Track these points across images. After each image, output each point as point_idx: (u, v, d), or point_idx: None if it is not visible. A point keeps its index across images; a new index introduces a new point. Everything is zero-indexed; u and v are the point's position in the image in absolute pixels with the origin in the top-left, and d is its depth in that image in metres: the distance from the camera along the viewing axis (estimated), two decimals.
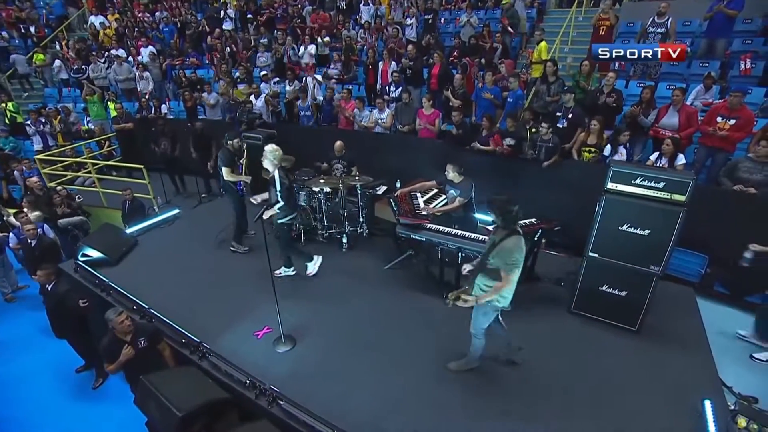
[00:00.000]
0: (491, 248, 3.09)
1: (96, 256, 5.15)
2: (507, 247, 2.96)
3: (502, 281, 3.01)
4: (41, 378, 4.97)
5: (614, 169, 3.63)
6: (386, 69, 7.80)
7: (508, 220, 3.03)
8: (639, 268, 3.74)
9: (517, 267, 2.99)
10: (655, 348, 3.82)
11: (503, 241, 3.00)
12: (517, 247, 2.97)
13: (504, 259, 2.97)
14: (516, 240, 3.00)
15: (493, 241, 3.09)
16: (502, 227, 3.08)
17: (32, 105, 10.21)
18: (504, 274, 2.99)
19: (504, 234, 3.04)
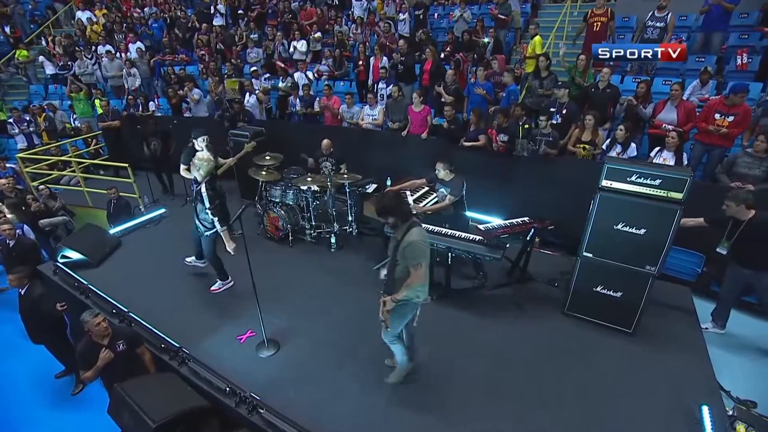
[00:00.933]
0: (396, 249, 2.91)
1: (76, 257, 4.99)
2: (410, 242, 2.80)
3: (412, 277, 2.85)
4: (19, 383, 4.80)
5: (609, 166, 3.50)
6: (377, 65, 7.65)
7: (403, 215, 2.91)
8: (634, 268, 3.62)
9: (424, 259, 2.84)
10: (650, 350, 3.71)
11: (405, 236, 2.85)
12: (420, 240, 2.83)
13: (410, 255, 2.82)
14: (417, 232, 2.86)
15: (397, 241, 2.92)
16: (400, 224, 2.92)
17: (17, 102, 10.00)
18: (412, 270, 2.83)
19: (404, 229, 2.88)
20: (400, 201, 2.94)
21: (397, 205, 2.90)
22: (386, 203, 2.91)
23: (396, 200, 2.94)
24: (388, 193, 2.96)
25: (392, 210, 2.89)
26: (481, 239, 4.10)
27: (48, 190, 7.07)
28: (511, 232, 4.09)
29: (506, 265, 4.73)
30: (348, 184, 5.39)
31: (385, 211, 2.90)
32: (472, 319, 4.18)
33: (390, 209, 2.89)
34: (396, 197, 2.98)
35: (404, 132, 6.54)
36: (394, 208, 2.89)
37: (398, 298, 2.88)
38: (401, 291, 2.87)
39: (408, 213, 2.96)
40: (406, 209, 2.97)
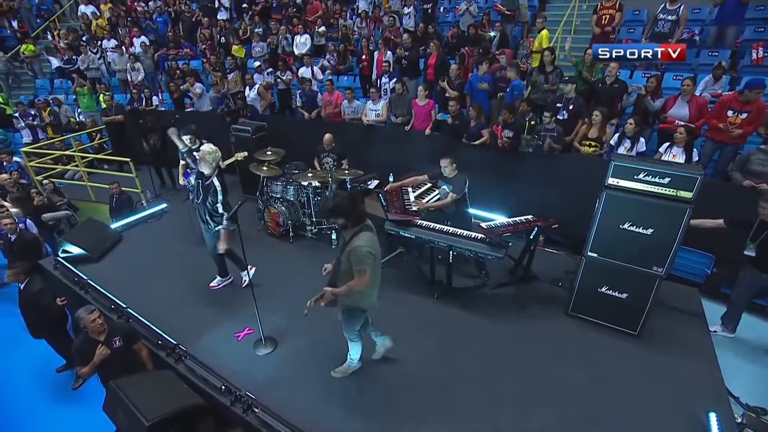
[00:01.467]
0: (343, 248, 2.86)
1: (77, 252, 4.98)
2: (354, 247, 2.73)
3: (355, 281, 2.78)
4: (21, 377, 4.81)
5: (616, 164, 3.38)
6: (381, 59, 7.53)
7: (355, 218, 2.81)
8: (641, 269, 3.51)
9: (369, 266, 2.75)
10: (656, 354, 3.60)
11: (353, 239, 2.78)
12: (366, 246, 2.74)
13: (355, 259, 2.74)
14: (365, 238, 2.77)
15: (344, 241, 2.86)
16: (350, 227, 2.83)
17: (23, 96, 10.04)
18: (356, 275, 2.76)
19: (353, 231, 2.81)
20: (355, 203, 2.82)
21: (349, 207, 2.79)
22: (339, 203, 2.83)
23: (349, 202, 2.82)
24: (343, 194, 2.87)
25: (343, 211, 2.80)
26: (483, 237, 4.01)
27: (52, 185, 7.09)
28: (514, 230, 3.99)
29: (509, 263, 4.65)
30: (349, 180, 5.32)
31: (336, 211, 2.83)
32: (474, 319, 4.10)
33: (341, 210, 2.80)
34: (350, 199, 2.85)
35: (408, 126, 6.44)
36: (346, 209, 2.80)
37: (338, 293, 2.86)
38: (342, 288, 2.85)
39: (360, 217, 2.83)
40: (359, 213, 2.84)
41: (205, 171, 3.96)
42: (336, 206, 2.83)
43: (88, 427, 4.13)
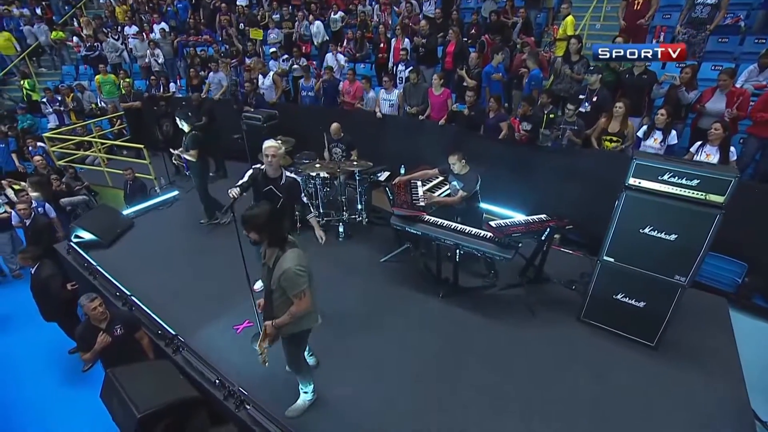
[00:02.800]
0: (268, 277, 2.52)
1: (89, 237, 5.06)
2: (285, 270, 2.40)
3: (295, 306, 2.48)
4: (35, 356, 5.00)
5: (638, 162, 3.11)
6: (398, 46, 7.29)
7: (275, 237, 2.48)
8: (661, 277, 3.24)
9: (305, 285, 2.46)
10: (674, 368, 3.35)
11: (277, 263, 2.44)
12: (295, 266, 2.41)
13: (288, 284, 2.43)
14: (292, 255, 2.44)
15: (267, 268, 2.51)
16: (269, 246, 2.51)
17: (50, 83, 10.29)
18: (295, 300, 2.47)
19: (276, 254, 2.47)
20: (273, 221, 2.45)
21: (266, 225, 2.42)
22: (253, 216, 2.42)
23: (267, 219, 2.43)
24: (261, 208, 2.45)
25: (258, 227, 2.43)
26: (491, 237, 3.81)
27: (74, 171, 7.26)
28: (525, 230, 3.77)
29: (520, 263, 4.42)
30: (358, 172, 5.18)
31: (249, 225, 2.42)
32: (480, 320, 3.94)
33: (256, 225, 2.42)
34: (268, 216, 2.43)
35: (422, 116, 6.21)
36: (263, 228, 2.43)
37: (280, 324, 2.55)
38: (284, 318, 2.53)
39: (282, 238, 2.49)
40: (280, 233, 2.49)
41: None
42: (249, 219, 2.42)
43: (96, 408, 4.23)
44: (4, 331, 5.43)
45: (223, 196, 5.79)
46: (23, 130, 8.78)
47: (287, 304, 2.52)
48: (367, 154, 5.73)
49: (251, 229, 2.42)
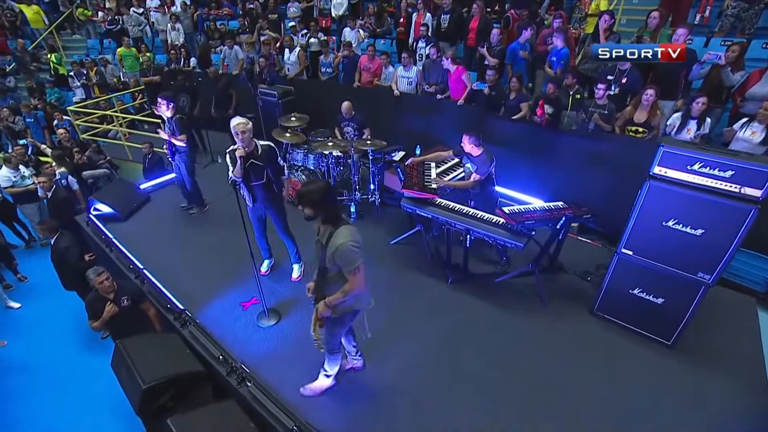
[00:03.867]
0: (322, 253, 2.46)
1: (106, 210, 5.17)
2: (339, 245, 2.33)
3: (349, 283, 2.42)
4: (58, 323, 5.22)
5: (665, 150, 2.87)
6: (419, 21, 6.99)
7: (328, 213, 2.41)
8: (683, 274, 3.04)
9: (360, 261, 2.39)
10: (691, 369, 3.18)
11: (331, 239, 2.38)
12: (350, 242, 2.35)
13: (342, 260, 2.36)
14: (345, 231, 2.37)
15: (320, 244, 2.46)
16: (322, 223, 2.46)
17: (76, 56, 10.46)
18: (350, 276, 2.40)
19: (329, 231, 2.41)
20: (328, 195, 2.39)
21: (321, 200, 2.36)
22: (309, 191, 2.36)
23: (323, 193, 2.36)
24: (317, 183, 2.42)
25: (314, 204, 2.37)
26: (503, 223, 3.66)
27: (96, 145, 7.41)
28: (539, 218, 3.60)
29: (534, 250, 4.25)
30: (371, 151, 5.06)
31: (305, 200, 2.37)
32: (487, 309, 3.84)
33: (311, 201, 2.36)
34: (324, 190, 2.38)
35: (442, 96, 5.98)
36: (317, 202, 2.36)
37: (334, 302, 2.49)
38: (337, 295, 2.47)
39: (337, 215, 2.43)
40: (334, 211, 2.43)
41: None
42: (305, 194, 2.36)
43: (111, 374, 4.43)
44: (31, 298, 5.69)
45: None
46: (51, 104, 9.00)
47: (340, 282, 2.48)
48: (382, 132, 5.58)
49: (306, 204, 2.37)
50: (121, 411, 3.85)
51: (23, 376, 4.58)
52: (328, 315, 2.57)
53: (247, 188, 3.69)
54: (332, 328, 2.74)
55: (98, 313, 3.56)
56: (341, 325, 2.74)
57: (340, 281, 2.47)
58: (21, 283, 6.00)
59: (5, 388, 4.45)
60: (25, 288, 5.94)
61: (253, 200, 3.77)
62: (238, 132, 3.43)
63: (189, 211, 5.39)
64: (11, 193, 5.84)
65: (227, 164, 3.55)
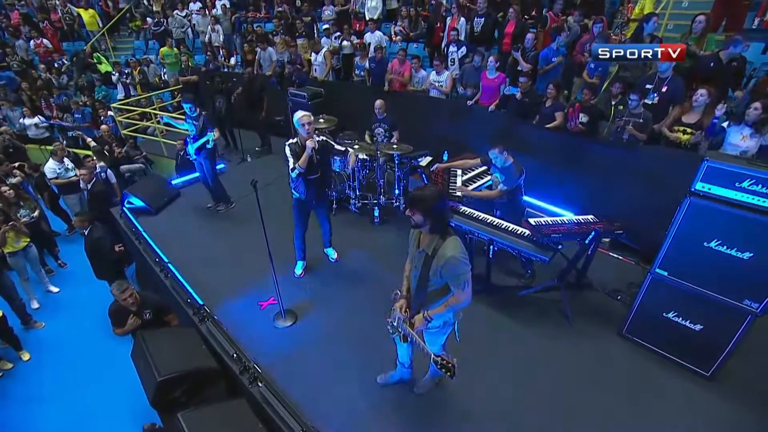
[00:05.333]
0: (426, 265, 2.30)
1: (139, 204, 5.36)
2: (449, 258, 2.18)
3: (455, 297, 2.28)
4: (89, 307, 5.43)
5: (710, 165, 2.65)
6: (453, 26, 6.88)
7: (439, 223, 2.24)
8: (727, 300, 2.79)
9: (469, 274, 2.26)
10: (734, 406, 2.91)
11: (439, 251, 2.23)
12: (460, 254, 2.21)
13: (451, 273, 2.22)
14: (453, 243, 2.23)
15: (425, 255, 2.30)
16: (429, 233, 2.28)
17: (123, 56, 11.01)
18: (458, 291, 2.26)
19: (436, 242, 2.25)
20: (438, 206, 2.21)
21: (434, 209, 2.18)
22: (424, 196, 2.18)
23: (435, 201, 2.19)
24: (433, 189, 2.26)
25: (427, 212, 2.19)
26: (529, 235, 3.50)
27: (133, 141, 7.75)
28: (567, 231, 3.42)
29: (561, 264, 4.06)
30: (398, 155, 5.01)
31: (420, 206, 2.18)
32: (508, 324, 3.69)
33: (426, 207, 2.18)
34: (441, 198, 2.24)
35: (471, 101, 5.86)
36: (430, 210, 2.18)
37: (433, 315, 2.37)
38: (439, 309, 2.35)
39: (444, 223, 2.27)
40: (444, 220, 2.27)
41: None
42: (419, 200, 2.18)
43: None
44: (68, 283, 5.99)
45: (266, 173, 5.93)
46: (98, 101, 9.50)
47: (441, 294, 2.37)
48: (411, 137, 5.52)
49: (419, 210, 2.20)
50: (138, 399, 3.95)
51: (55, 354, 4.86)
52: (423, 328, 2.44)
53: (304, 182, 3.77)
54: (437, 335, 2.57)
55: (121, 321, 3.59)
56: (445, 331, 2.58)
57: (441, 294, 2.36)
58: (61, 269, 6.33)
59: (38, 363, 4.76)
60: (65, 274, 6.27)
61: (307, 195, 3.86)
62: (303, 123, 3.57)
63: (216, 208, 5.51)
64: (56, 184, 6.19)
65: (287, 157, 3.69)
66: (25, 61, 10.99)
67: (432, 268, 2.28)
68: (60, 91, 10.01)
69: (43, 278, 5.76)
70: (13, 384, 4.54)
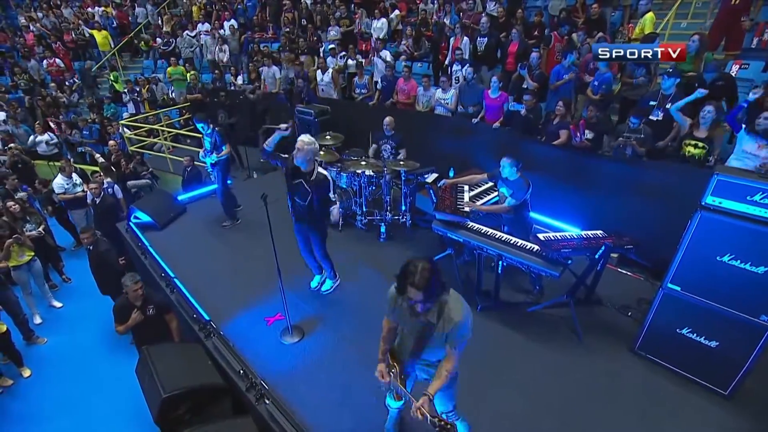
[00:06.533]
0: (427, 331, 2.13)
1: (145, 219, 5.38)
2: (457, 323, 2.03)
3: (450, 361, 2.13)
4: (93, 323, 5.39)
5: (720, 179, 2.66)
6: (456, 45, 7.03)
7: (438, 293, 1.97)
8: (743, 315, 2.76)
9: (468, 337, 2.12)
10: (754, 427, 2.83)
11: (444, 314, 2.05)
12: (466, 312, 2.07)
13: (459, 336, 2.08)
14: (458, 306, 2.07)
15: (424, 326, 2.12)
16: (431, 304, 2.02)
17: (132, 75, 11.24)
18: (453, 351, 2.12)
19: (437, 310, 2.06)
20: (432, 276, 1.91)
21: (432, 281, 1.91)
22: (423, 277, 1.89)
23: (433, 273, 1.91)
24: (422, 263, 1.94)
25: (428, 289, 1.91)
26: (538, 250, 3.49)
27: (140, 156, 7.83)
28: (576, 247, 3.40)
29: (570, 280, 4.02)
30: (404, 172, 5.03)
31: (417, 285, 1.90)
32: (518, 340, 3.63)
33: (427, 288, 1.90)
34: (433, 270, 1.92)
35: (476, 119, 5.94)
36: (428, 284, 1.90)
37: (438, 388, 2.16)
38: (438, 384, 2.14)
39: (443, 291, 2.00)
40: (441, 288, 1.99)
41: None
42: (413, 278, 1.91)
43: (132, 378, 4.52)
44: (72, 298, 5.95)
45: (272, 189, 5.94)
46: (107, 118, 9.66)
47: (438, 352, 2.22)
48: (417, 154, 5.57)
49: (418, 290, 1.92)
50: (141, 417, 3.87)
51: (57, 370, 4.79)
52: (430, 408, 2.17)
53: (290, 198, 3.75)
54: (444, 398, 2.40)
55: (124, 318, 3.69)
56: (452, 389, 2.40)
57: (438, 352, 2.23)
58: (65, 283, 6.30)
59: (40, 379, 4.68)
60: (69, 289, 6.23)
61: (296, 218, 3.83)
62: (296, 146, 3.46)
63: (222, 224, 5.52)
64: (63, 199, 6.22)
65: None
66: (33, 80, 11.23)
67: (437, 333, 2.11)
68: (69, 109, 10.18)
69: (46, 293, 5.72)
70: (13, 402, 4.45)
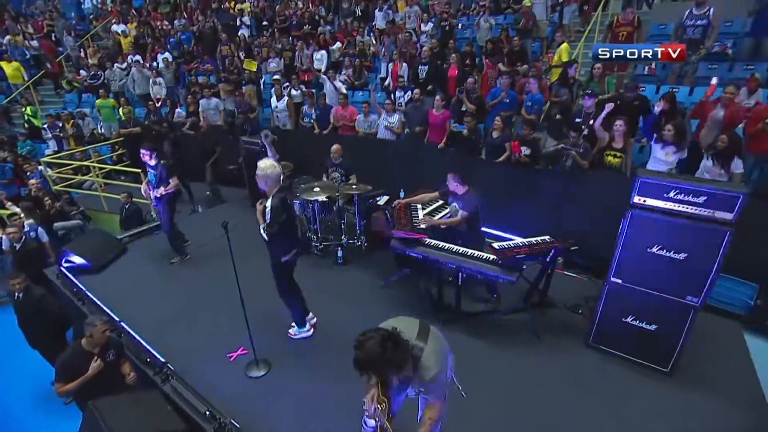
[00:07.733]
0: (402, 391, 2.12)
1: (79, 262, 4.92)
2: (433, 376, 1.99)
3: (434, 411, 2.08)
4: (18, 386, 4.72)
5: (642, 180, 3.06)
6: (396, 71, 7.43)
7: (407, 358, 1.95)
8: (672, 298, 3.13)
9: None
10: (693, 395, 3.18)
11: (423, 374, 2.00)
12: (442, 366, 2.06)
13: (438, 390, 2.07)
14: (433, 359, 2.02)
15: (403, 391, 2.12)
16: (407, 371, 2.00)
17: (52, 110, 10.40)
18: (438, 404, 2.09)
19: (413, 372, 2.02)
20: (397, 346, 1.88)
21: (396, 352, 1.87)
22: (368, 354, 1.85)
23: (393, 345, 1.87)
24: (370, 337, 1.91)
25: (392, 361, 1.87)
26: (494, 259, 3.70)
27: (69, 196, 7.19)
28: (529, 252, 3.67)
29: (524, 286, 4.29)
30: (357, 195, 5.13)
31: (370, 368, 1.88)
32: (483, 348, 3.77)
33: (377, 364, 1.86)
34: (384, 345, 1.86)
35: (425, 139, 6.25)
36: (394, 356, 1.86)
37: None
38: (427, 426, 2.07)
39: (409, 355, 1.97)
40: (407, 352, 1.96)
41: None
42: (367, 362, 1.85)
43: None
44: None
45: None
46: (22, 157, 8.77)
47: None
48: (365, 178, 5.70)
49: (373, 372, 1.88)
50: None
51: None
52: None
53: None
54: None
55: (75, 372, 3.17)
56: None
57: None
58: None
59: None
60: None
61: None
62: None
63: (170, 261, 5.21)
64: None
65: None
66: None
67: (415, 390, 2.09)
68: None
69: None
70: None
